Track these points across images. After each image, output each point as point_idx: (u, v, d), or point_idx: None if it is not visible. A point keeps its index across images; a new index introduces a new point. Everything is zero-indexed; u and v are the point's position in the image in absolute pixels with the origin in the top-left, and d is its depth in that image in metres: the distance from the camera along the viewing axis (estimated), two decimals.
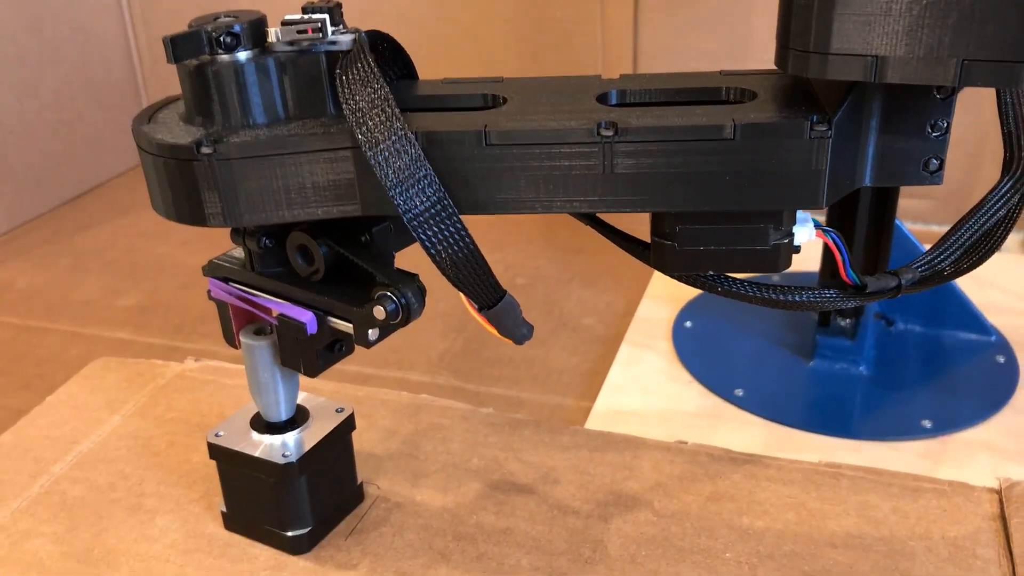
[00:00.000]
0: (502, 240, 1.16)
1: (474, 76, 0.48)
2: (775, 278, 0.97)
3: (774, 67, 0.41)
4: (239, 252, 0.48)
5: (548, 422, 0.60)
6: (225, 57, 0.41)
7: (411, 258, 0.48)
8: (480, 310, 0.42)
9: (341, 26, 0.42)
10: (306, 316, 0.45)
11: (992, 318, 0.93)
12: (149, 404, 0.63)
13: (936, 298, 0.91)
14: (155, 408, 0.63)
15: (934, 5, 0.36)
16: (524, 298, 1.04)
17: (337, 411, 0.51)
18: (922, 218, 1.16)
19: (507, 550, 0.49)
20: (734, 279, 0.45)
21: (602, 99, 0.44)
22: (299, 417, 0.50)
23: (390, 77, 0.47)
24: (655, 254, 0.44)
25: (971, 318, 0.90)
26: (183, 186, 0.42)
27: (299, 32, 0.42)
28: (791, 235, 0.43)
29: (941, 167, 0.42)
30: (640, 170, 0.40)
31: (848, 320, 0.87)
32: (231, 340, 0.50)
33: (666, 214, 0.42)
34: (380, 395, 0.63)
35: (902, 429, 0.80)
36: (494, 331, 0.43)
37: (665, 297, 1.01)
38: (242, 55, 0.41)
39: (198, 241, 1.17)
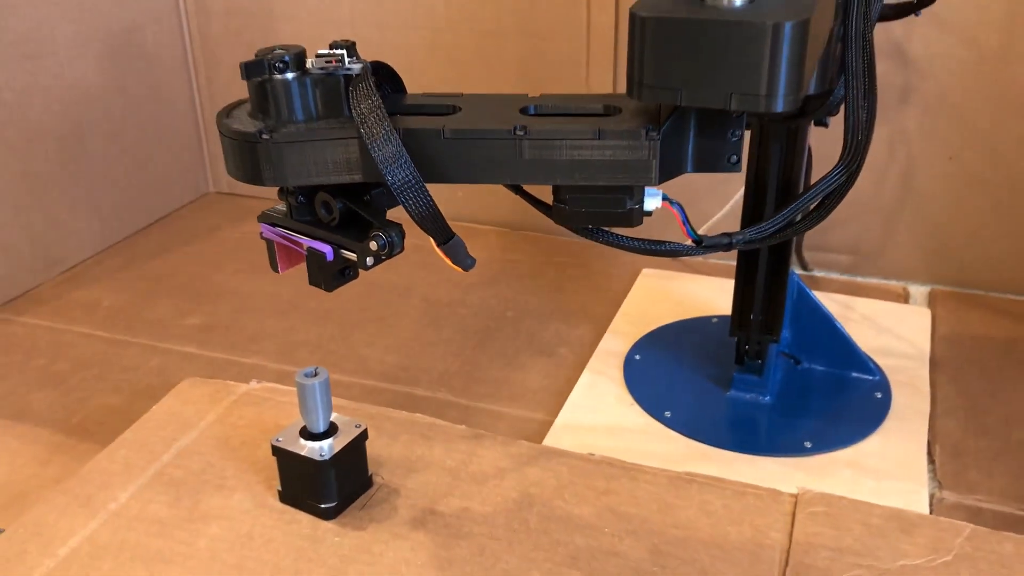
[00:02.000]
0: (497, 277, 1.43)
1: (446, 92, 0.75)
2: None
3: None
4: (282, 206, 0.73)
5: (502, 436, 0.87)
6: (278, 76, 0.65)
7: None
8: (439, 245, 0.66)
9: (355, 58, 0.68)
10: (326, 248, 0.70)
11: (881, 360, 1.18)
12: (225, 414, 0.92)
13: (832, 343, 1.15)
14: (230, 417, 0.91)
15: (707, 61, 0.57)
16: (511, 327, 1.30)
17: (356, 426, 0.80)
18: (847, 270, 1.41)
19: (463, 521, 0.77)
20: (607, 231, 0.69)
21: (523, 110, 0.68)
22: (331, 430, 0.79)
23: (386, 91, 0.72)
24: (555, 214, 0.68)
25: (860, 361, 1.15)
26: (249, 159, 0.66)
27: (326, 61, 0.66)
28: (642, 202, 0.67)
29: (739, 161, 0.66)
30: (541, 157, 0.65)
31: (758, 360, 1.13)
32: (275, 267, 0.74)
33: (559, 186, 0.67)
34: (388, 413, 0.91)
35: (789, 448, 1.04)
36: (450, 262, 0.66)
37: (624, 333, 1.27)
38: (289, 75, 0.65)
39: (249, 271, 1.45)
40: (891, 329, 1.26)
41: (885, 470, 0.99)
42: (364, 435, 0.80)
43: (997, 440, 1.04)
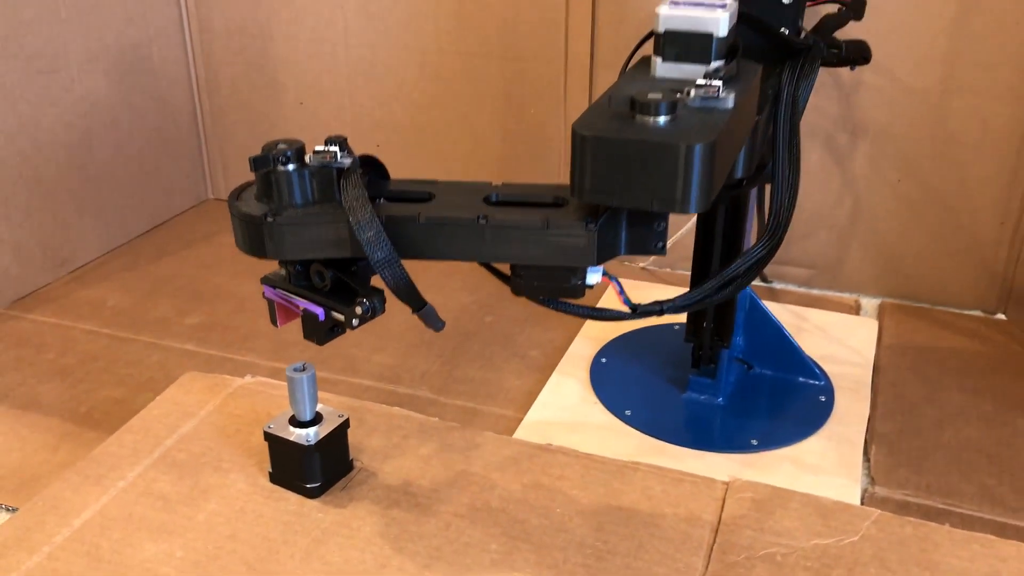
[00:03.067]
0: (479, 284, 1.53)
1: (423, 177, 0.86)
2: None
3: None
4: (282, 271, 0.84)
5: (470, 429, 0.98)
6: (281, 168, 0.76)
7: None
8: (413, 312, 0.78)
9: (346, 152, 0.78)
10: (319, 310, 0.81)
11: (829, 366, 1.29)
12: (223, 404, 1.02)
13: (781, 350, 1.26)
14: (227, 407, 1.02)
15: (634, 173, 0.69)
16: (489, 332, 1.40)
17: (339, 416, 0.91)
18: (805, 283, 1.52)
19: (432, 501, 0.88)
20: (557, 300, 0.80)
21: (487, 199, 0.80)
22: (316, 419, 0.89)
23: (372, 177, 0.84)
24: (512, 286, 0.80)
25: (806, 367, 1.25)
26: (255, 236, 0.77)
27: (322, 156, 0.76)
28: (585, 278, 0.78)
29: (664, 246, 0.77)
30: (499, 241, 0.76)
31: (711, 365, 1.23)
32: (274, 322, 0.86)
33: (515, 264, 0.79)
34: (369, 406, 1.02)
35: (736, 445, 1.14)
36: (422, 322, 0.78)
37: (592, 338, 1.37)
38: (290, 167, 0.76)
39: (245, 274, 1.55)
40: (840, 338, 1.36)
41: (823, 466, 1.10)
42: (346, 424, 0.91)
43: (928, 441, 1.15)
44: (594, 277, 0.79)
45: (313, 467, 0.88)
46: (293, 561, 0.81)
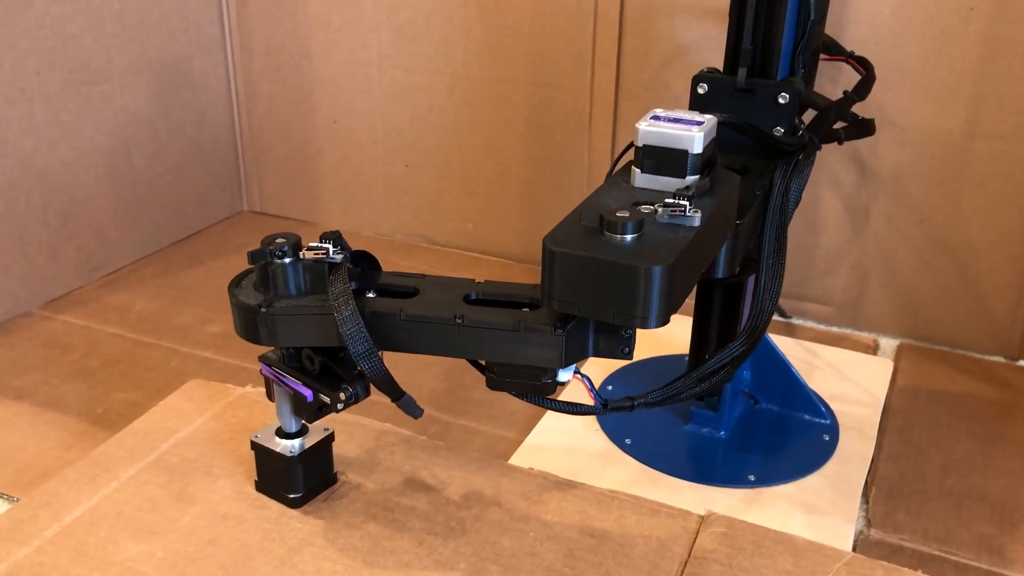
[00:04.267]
0: None
1: (411, 270, 0.90)
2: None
3: None
4: (277, 353, 0.89)
5: (458, 448, 1.00)
6: (277, 261, 0.82)
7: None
8: (393, 402, 0.82)
9: (339, 247, 0.83)
10: (307, 392, 0.86)
11: (837, 405, 1.28)
12: (221, 412, 1.06)
13: (787, 386, 1.26)
14: (224, 415, 1.05)
15: (598, 287, 0.72)
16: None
17: (324, 430, 0.93)
18: (824, 320, 1.51)
19: (409, 518, 0.90)
20: (531, 396, 0.84)
21: (466, 297, 0.84)
22: (302, 431, 0.92)
23: (364, 268, 0.88)
24: (488, 380, 0.83)
25: (812, 404, 1.24)
26: (250, 324, 0.83)
27: (315, 252, 0.83)
28: (556, 376, 0.82)
29: (631, 351, 0.80)
30: (472, 340, 0.80)
31: (714, 397, 1.23)
32: (270, 398, 0.91)
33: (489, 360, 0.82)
34: (361, 421, 1.04)
35: (734, 479, 1.14)
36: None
37: (602, 365, 1.37)
38: (286, 260, 0.82)
39: None
40: (852, 377, 1.35)
41: (819, 506, 1.09)
42: (331, 437, 0.93)
43: (931, 486, 1.13)
44: (565, 375, 0.82)
45: (296, 478, 0.91)
46: (267, 568, 0.84)
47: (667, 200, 0.76)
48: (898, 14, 1.27)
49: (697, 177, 0.81)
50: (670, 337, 1.36)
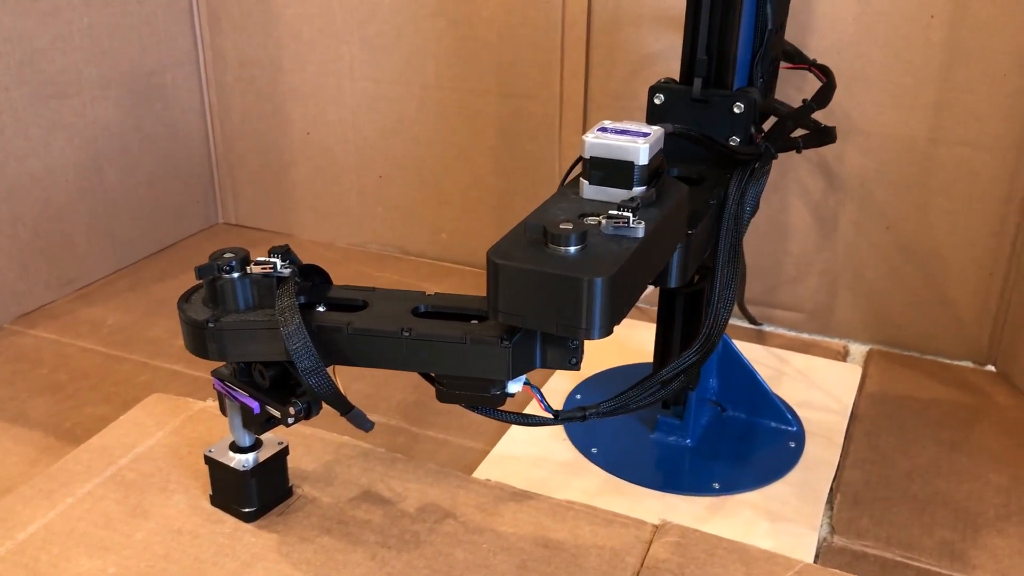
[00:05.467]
0: None
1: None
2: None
3: None
4: (229, 368, 0.88)
5: (416, 461, 0.99)
6: (225, 276, 0.82)
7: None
8: (342, 415, 0.82)
9: (288, 262, 0.83)
10: (254, 404, 0.86)
11: (805, 412, 1.27)
12: (180, 426, 1.05)
13: (753, 394, 1.25)
14: (183, 429, 1.05)
15: (541, 299, 0.72)
16: None
17: (279, 444, 0.93)
18: (794, 327, 1.51)
19: (363, 531, 0.89)
20: (482, 408, 0.84)
21: (415, 310, 0.83)
22: (255, 445, 0.92)
23: (315, 282, 0.88)
24: (437, 392, 0.83)
25: (778, 412, 1.24)
26: (199, 339, 0.82)
27: (263, 267, 0.83)
28: (505, 388, 0.82)
29: (578, 363, 0.80)
30: (419, 352, 0.80)
31: (679, 406, 1.23)
32: (223, 412, 0.90)
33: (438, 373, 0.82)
34: (320, 434, 1.04)
35: (698, 488, 1.13)
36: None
37: (570, 375, 1.37)
38: (235, 275, 0.82)
39: None
40: (821, 384, 1.35)
41: (783, 513, 1.09)
42: (285, 451, 0.93)
43: (896, 492, 1.13)
44: (515, 387, 0.82)
45: (250, 492, 0.90)
46: None
47: (611, 212, 0.76)
48: (860, 22, 1.27)
49: (643, 188, 0.81)
50: (640, 345, 1.37)
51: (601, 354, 1.41)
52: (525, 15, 1.48)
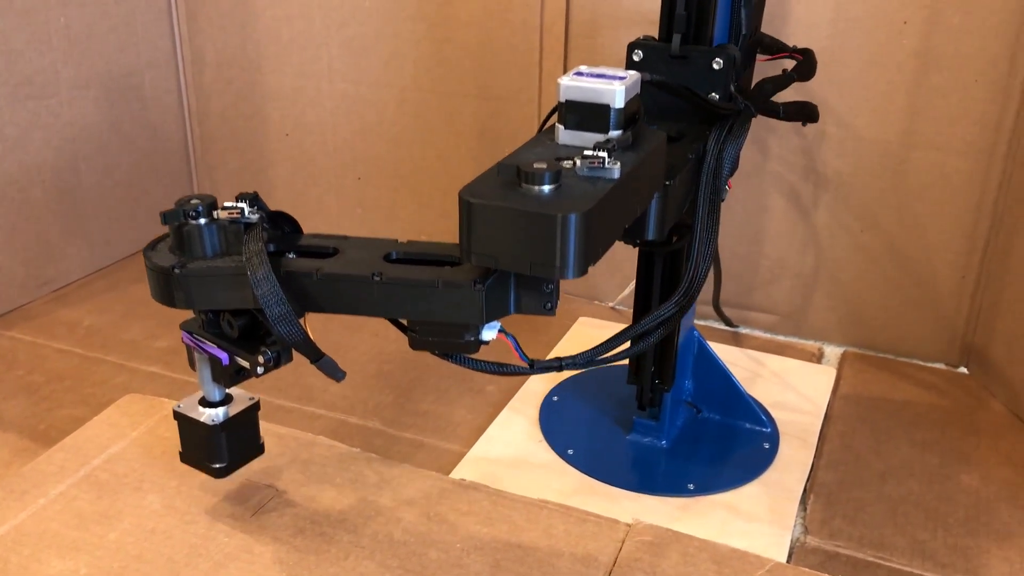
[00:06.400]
0: None
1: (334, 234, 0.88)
2: None
3: None
4: (198, 320, 0.87)
5: (390, 460, 0.99)
6: (191, 222, 0.79)
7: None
8: (312, 363, 0.80)
9: (256, 208, 0.81)
10: (223, 355, 0.84)
11: (779, 413, 1.28)
12: (154, 426, 1.05)
13: (728, 395, 1.26)
14: (157, 429, 1.04)
15: (515, 239, 0.71)
16: (448, 366, 1.41)
17: (249, 399, 0.91)
18: (770, 329, 1.52)
19: (337, 530, 0.89)
20: (455, 356, 0.82)
21: (387, 257, 0.82)
22: (225, 400, 0.90)
23: (283, 231, 0.86)
24: (410, 339, 0.82)
25: (752, 413, 1.25)
26: (165, 286, 0.80)
27: (230, 212, 0.80)
28: (479, 334, 0.80)
29: (553, 307, 0.78)
30: (391, 297, 0.79)
31: (655, 407, 1.23)
32: (192, 367, 0.89)
33: (411, 320, 0.81)
34: (295, 434, 1.04)
35: (673, 488, 1.13)
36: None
37: (549, 377, 1.38)
38: (201, 221, 0.79)
39: None
40: (795, 386, 1.36)
41: (756, 514, 1.09)
42: (256, 406, 0.91)
43: (869, 492, 1.14)
44: (489, 334, 0.81)
45: (220, 447, 0.89)
46: None
47: (585, 152, 0.75)
48: (835, 27, 1.29)
49: (620, 132, 0.79)
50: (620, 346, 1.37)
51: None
52: (503, 18, 1.48)
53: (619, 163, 0.75)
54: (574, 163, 0.75)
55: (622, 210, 0.78)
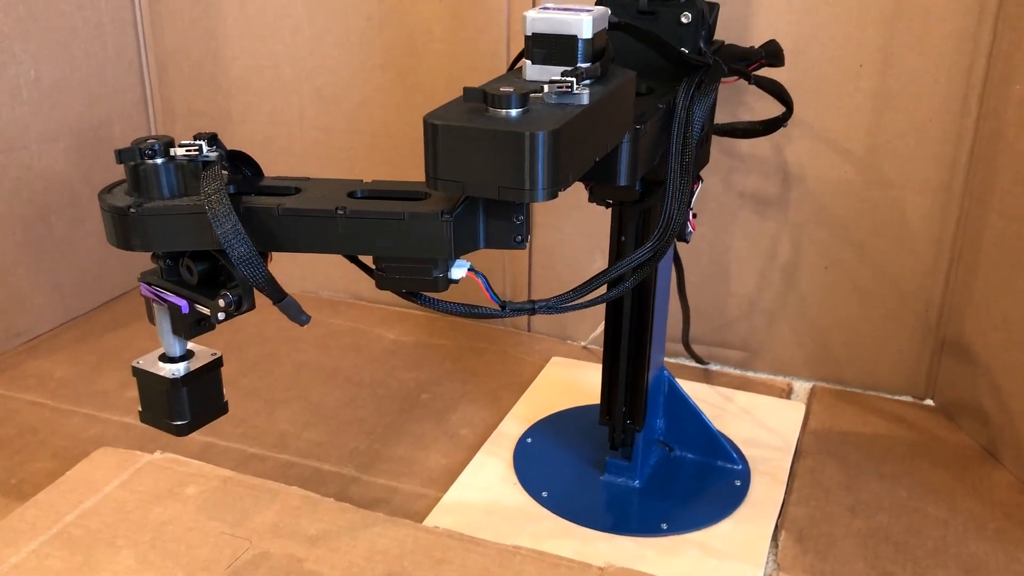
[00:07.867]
0: (420, 361, 1.55)
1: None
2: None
3: None
4: (157, 271, 0.84)
5: (364, 510, 1.00)
6: (148, 161, 0.76)
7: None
8: (274, 304, 0.75)
9: (215, 147, 0.79)
10: (182, 302, 0.80)
11: (749, 450, 1.30)
12: (128, 480, 1.05)
13: (699, 434, 1.27)
14: (131, 483, 1.04)
15: (481, 161, 0.69)
16: (424, 410, 1.42)
17: (212, 354, 0.88)
18: (739, 366, 1.53)
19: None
20: (426, 296, 0.79)
21: (351, 194, 0.78)
22: (187, 355, 0.87)
23: (245, 174, 0.84)
24: (376, 279, 0.80)
25: (723, 451, 1.26)
26: (121, 228, 0.76)
27: (188, 150, 0.77)
28: (447, 271, 0.79)
29: (524, 240, 0.77)
30: (355, 232, 0.76)
31: (626, 448, 1.25)
32: (151, 320, 0.86)
33: (377, 256, 0.77)
34: (268, 485, 1.04)
35: (646, 528, 1.13)
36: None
37: (523, 417, 1.38)
38: (158, 160, 0.76)
39: None
40: (765, 422, 1.37)
41: (729, 551, 1.10)
42: (219, 362, 0.88)
43: (839, 527, 1.15)
44: (458, 272, 0.79)
45: (181, 404, 0.86)
46: None
47: (553, 78, 0.74)
48: (794, 69, 1.31)
49: (588, 64, 0.79)
50: (590, 388, 1.39)
51: (552, 397, 1.43)
52: (473, 65, 1.51)
53: (588, 91, 0.74)
54: (542, 90, 0.75)
55: (591, 138, 0.77)
